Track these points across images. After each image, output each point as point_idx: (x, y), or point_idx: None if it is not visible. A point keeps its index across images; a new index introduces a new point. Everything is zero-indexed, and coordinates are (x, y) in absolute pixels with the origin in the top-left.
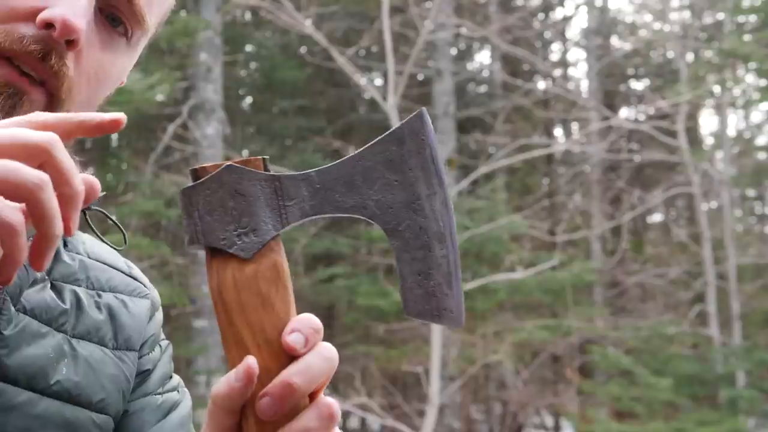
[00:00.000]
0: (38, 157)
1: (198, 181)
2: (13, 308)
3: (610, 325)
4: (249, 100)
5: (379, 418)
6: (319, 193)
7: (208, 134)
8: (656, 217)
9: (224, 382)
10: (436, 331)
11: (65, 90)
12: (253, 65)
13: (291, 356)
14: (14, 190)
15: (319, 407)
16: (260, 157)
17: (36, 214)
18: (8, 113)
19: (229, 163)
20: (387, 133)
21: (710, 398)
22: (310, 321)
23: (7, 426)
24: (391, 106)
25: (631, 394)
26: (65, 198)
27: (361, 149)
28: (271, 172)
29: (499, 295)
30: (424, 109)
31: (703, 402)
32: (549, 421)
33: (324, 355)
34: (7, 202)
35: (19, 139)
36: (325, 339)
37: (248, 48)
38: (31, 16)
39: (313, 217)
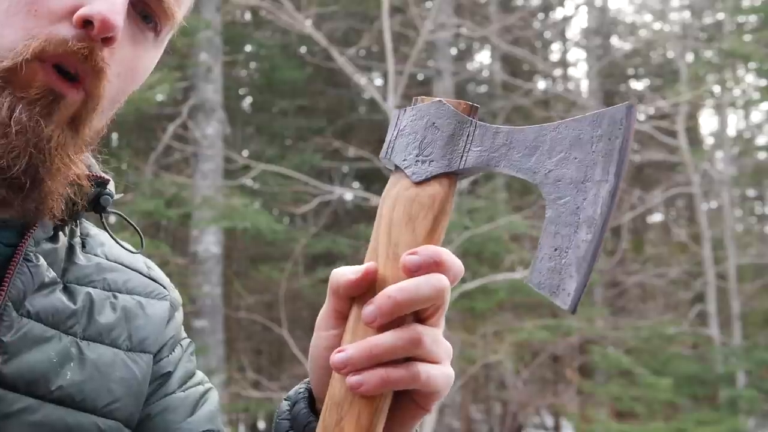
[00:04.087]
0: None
1: (410, 106)
2: (15, 313)
3: (610, 325)
4: (249, 100)
5: None
6: (502, 148)
7: (208, 134)
8: (656, 217)
9: (345, 270)
10: None
11: (102, 87)
12: (253, 65)
13: (409, 276)
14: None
15: (406, 329)
16: (472, 103)
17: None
18: (47, 116)
19: (440, 99)
20: (590, 113)
21: (710, 398)
22: (435, 252)
23: None
24: (391, 106)
25: (631, 394)
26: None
27: (560, 121)
28: (473, 119)
29: (499, 295)
30: (634, 103)
31: (703, 402)
32: (549, 421)
33: (431, 282)
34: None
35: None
36: None
37: (248, 48)
38: (67, 15)
39: (487, 169)
